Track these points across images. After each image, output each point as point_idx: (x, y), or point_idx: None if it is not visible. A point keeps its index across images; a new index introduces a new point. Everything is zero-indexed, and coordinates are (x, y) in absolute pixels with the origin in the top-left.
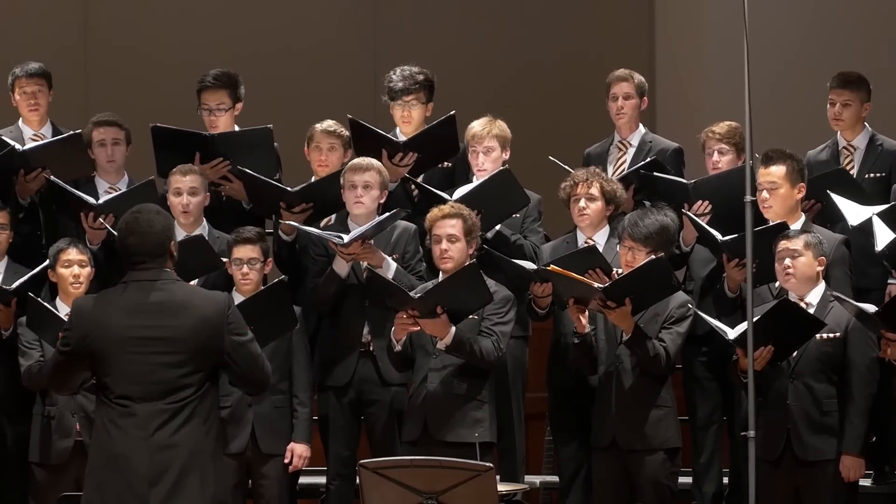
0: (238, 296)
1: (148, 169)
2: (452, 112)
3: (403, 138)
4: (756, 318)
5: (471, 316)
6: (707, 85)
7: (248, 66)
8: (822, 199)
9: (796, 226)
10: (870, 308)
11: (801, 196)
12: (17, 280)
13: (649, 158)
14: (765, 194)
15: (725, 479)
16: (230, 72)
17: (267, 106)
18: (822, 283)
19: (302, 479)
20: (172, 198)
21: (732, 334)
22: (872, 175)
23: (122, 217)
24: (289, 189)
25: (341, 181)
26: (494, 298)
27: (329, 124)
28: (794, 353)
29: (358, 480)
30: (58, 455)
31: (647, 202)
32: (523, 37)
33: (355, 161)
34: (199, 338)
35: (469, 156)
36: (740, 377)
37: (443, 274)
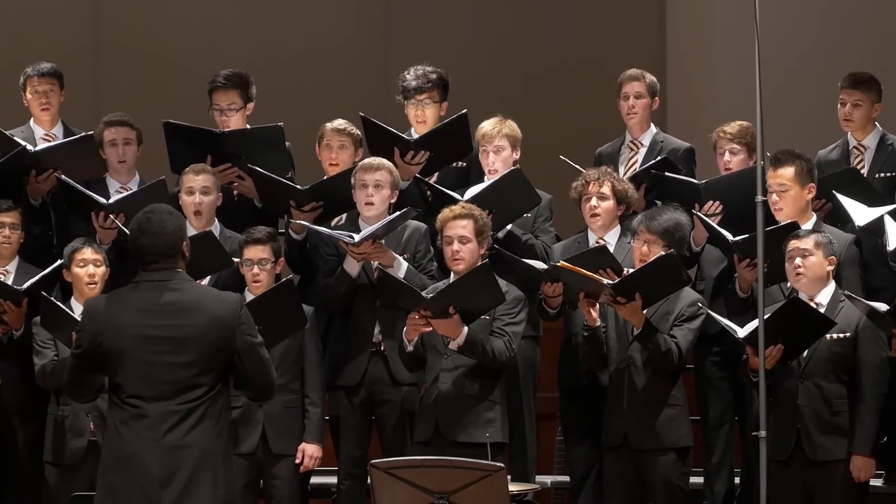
0: (249, 296)
1: (159, 169)
2: (464, 111)
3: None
4: (766, 317)
5: (482, 316)
6: (718, 85)
7: (260, 66)
8: (832, 198)
9: (807, 226)
10: (882, 307)
11: (811, 196)
12: (29, 280)
13: (660, 157)
14: (774, 197)
15: (737, 480)
16: (241, 72)
17: (279, 106)
18: (833, 282)
19: (313, 480)
20: (185, 197)
21: (742, 333)
22: (883, 175)
23: (135, 217)
24: (298, 187)
25: (352, 181)
26: (506, 298)
27: (339, 123)
28: (805, 354)
29: (369, 480)
30: (71, 455)
31: (659, 202)
32: (535, 38)
33: (366, 161)
34: (211, 338)
35: (479, 155)
36: (750, 376)
37: (454, 275)
